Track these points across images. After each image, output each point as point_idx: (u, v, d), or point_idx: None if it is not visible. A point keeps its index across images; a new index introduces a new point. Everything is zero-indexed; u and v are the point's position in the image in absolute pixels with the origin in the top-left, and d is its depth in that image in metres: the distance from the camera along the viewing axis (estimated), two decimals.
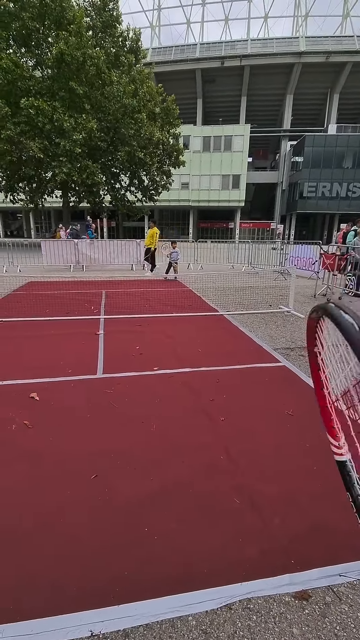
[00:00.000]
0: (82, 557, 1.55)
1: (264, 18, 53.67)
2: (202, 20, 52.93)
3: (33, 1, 17.93)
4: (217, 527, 1.71)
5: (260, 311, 6.28)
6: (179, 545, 1.61)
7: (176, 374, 3.51)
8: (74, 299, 7.11)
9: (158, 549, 1.59)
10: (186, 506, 1.84)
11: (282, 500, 1.89)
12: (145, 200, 26.65)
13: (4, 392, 3.05)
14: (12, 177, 21.13)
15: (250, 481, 2.02)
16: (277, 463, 2.19)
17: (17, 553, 1.56)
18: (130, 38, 21.91)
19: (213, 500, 1.88)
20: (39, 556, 1.55)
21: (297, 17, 51.08)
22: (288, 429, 2.57)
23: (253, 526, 1.71)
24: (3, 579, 1.44)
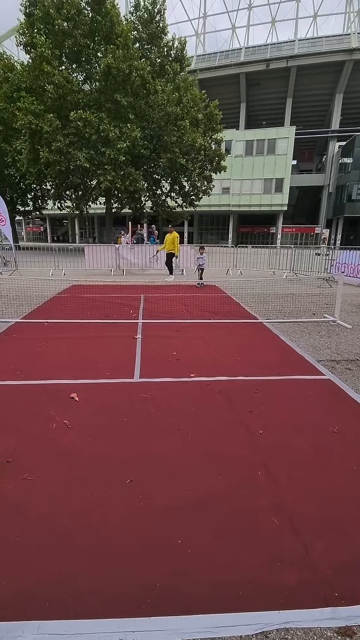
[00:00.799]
0: (115, 562, 1.55)
1: (313, 17, 52.26)
2: (248, 24, 52.70)
3: (85, 19, 18.93)
4: (254, 547, 1.63)
5: (302, 320, 6.03)
6: (213, 562, 1.56)
7: (213, 381, 3.46)
8: (113, 302, 7.31)
9: (191, 562, 1.55)
10: (222, 521, 1.78)
11: (325, 525, 1.76)
12: (186, 206, 26.87)
13: (47, 392, 3.19)
14: (61, 185, 22.32)
15: (290, 501, 1.92)
16: (320, 484, 2.06)
17: (54, 551, 1.60)
18: (175, 47, 22.33)
19: (250, 518, 1.81)
20: (74, 556, 1.57)
21: (348, 13, 49.11)
22: (332, 447, 2.41)
23: (293, 551, 1.61)
24: (42, 576, 1.48)
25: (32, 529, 1.72)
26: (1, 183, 25.36)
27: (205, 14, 53.68)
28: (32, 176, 21.26)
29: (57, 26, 18.50)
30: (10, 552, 1.59)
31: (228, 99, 44.51)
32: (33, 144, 19.09)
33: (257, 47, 46.91)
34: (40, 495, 1.94)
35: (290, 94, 45.26)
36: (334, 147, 45.27)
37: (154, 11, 21.29)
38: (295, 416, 2.83)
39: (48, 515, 1.81)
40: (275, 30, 52.73)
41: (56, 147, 18.29)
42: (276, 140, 42.00)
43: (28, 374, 3.58)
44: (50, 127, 17.96)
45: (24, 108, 18.24)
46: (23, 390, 3.23)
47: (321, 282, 10.52)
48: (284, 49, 44.60)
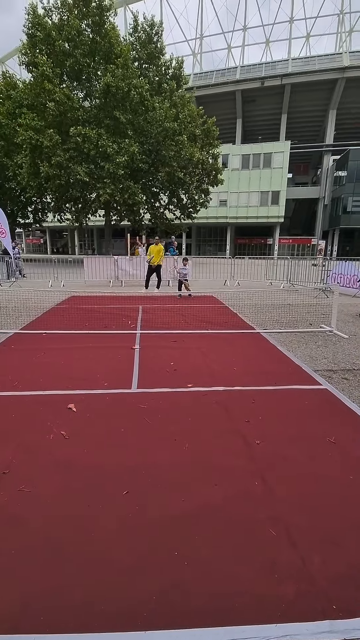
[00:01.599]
0: (111, 574, 1.53)
1: (305, 37, 54.03)
2: (243, 44, 54.41)
3: (85, 40, 19.56)
4: (251, 559, 1.62)
5: (299, 330, 6.06)
6: (210, 574, 1.55)
7: (210, 392, 3.46)
8: (112, 313, 7.34)
9: (188, 575, 1.54)
10: (218, 532, 1.77)
11: (323, 536, 1.75)
12: (184, 218, 27.24)
13: (44, 402, 3.19)
14: (61, 198, 22.66)
15: (288, 512, 1.91)
16: (318, 495, 2.05)
17: (50, 564, 1.58)
18: (172, 66, 23.02)
19: (247, 529, 1.80)
20: (70, 569, 1.56)
21: (340, 33, 50.84)
22: (330, 457, 2.41)
23: (290, 562, 1.60)
24: (37, 588, 1.46)
25: (27, 541, 1.70)
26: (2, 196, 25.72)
27: (202, 35, 55.46)
28: (32, 189, 21.61)
29: (58, 47, 19.10)
30: (5, 565, 1.58)
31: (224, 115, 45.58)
32: (33, 159, 19.46)
33: (252, 66, 48.33)
34: (37, 506, 1.93)
35: (285, 110, 46.43)
36: (329, 161, 46.23)
37: (152, 32, 22.03)
38: (292, 426, 2.83)
39: (44, 527, 1.79)
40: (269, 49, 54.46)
41: (56, 162, 18.65)
42: (272, 154, 42.91)
43: (26, 384, 3.58)
44: (50, 142, 18.34)
45: (25, 124, 18.66)
46: (20, 401, 3.22)
47: (318, 293, 10.61)
48: (278, 68, 45.97)
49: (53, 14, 20.21)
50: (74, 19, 18.98)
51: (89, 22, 19.98)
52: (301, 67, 44.93)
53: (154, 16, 22.56)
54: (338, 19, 50.68)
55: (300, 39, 55.10)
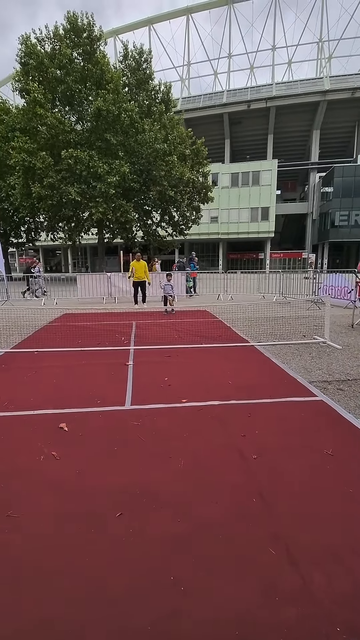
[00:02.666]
0: (103, 603, 1.45)
1: (288, 64, 56.67)
2: (229, 70, 56.81)
3: (76, 67, 20.26)
4: (251, 581, 1.55)
5: (293, 342, 6.07)
6: (208, 599, 1.47)
7: (205, 406, 3.41)
8: (105, 329, 7.29)
9: (185, 601, 1.46)
10: (216, 554, 1.70)
11: (324, 554, 1.69)
12: (176, 235, 27.63)
13: (35, 422, 3.10)
14: (53, 218, 22.88)
15: (287, 529, 1.84)
16: (318, 510, 1.99)
17: (38, 594, 1.49)
18: (161, 91, 23.87)
19: (246, 549, 1.72)
20: (60, 599, 1.47)
21: (320, 59, 53.48)
22: (328, 470, 2.35)
23: (291, 583, 1.53)
24: (24, 621, 1.37)
25: (14, 570, 1.61)
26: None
27: (189, 62, 57.88)
28: (25, 209, 21.82)
29: (51, 73, 19.74)
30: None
31: (213, 136, 47.11)
32: (26, 180, 19.74)
33: (238, 90, 50.41)
34: (25, 533, 1.83)
35: (271, 130, 48.21)
36: (315, 178, 47.77)
37: (141, 60, 22.93)
38: (289, 439, 2.78)
39: (32, 555, 1.70)
40: (254, 75, 56.90)
41: (48, 183, 18.93)
42: (260, 172, 44.25)
43: (16, 404, 3.48)
44: (42, 164, 18.67)
45: (17, 147, 19.02)
46: (10, 421, 3.13)
47: (310, 305, 10.70)
48: (262, 92, 47.99)
49: (45, 43, 20.97)
50: (66, 48, 19.70)
51: (80, 51, 20.75)
52: (285, 90, 46.99)
53: (142, 44, 23.53)
54: (318, 47, 53.45)
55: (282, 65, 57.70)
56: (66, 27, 20.60)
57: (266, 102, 45.80)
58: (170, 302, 9.77)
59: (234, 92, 50.05)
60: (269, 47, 54.53)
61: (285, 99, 45.46)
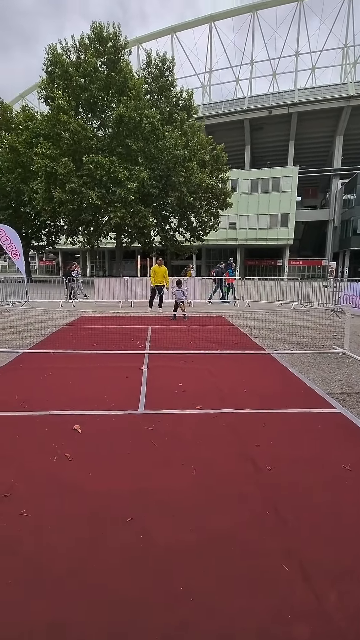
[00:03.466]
0: (112, 610, 1.43)
1: (311, 70, 56.29)
2: (251, 77, 56.92)
3: (100, 75, 20.77)
4: (262, 597, 1.50)
5: (311, 351, 5.94)
6: (218, 612, 1.43)
7: (220, 414, 3.37)
8: (120, 333, 7.35)
9: (194, 613, 1.43)
10: (227, 566, 1.66)
11: (339, 572, 1.62)
12: (194, 240, 27.70)
13: (49, 423, 3.14)
14: (73, 222, 23.39)
15: (301, 545, 1.78)
16: (334, 526, 1.92)
17: (49, 596, 1.49)
18: (183, 98, 24.14)
19: (258, 563, 1.68)
20: (69, 603, 1.46)
21: (345, 65, 52.85)
22: (346, 486, 2.27)
23: (304, 600, 1.48)
24: (34, 623, 1.37)
25: (26, 571, 1.62)
26: (17, 220, 26.70)
27: (211, 69, 58.37)
28: (46, 213, 22.38)
29: (75, 82, 20.31)
30: (1, 595, 1.49)
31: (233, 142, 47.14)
32: (48, 185, 20.29)
33: (259, 96, 50.36)
34: (37, 533, 1.85)
35: (293, 137, 47.82)
36: (337, 184, 46.94)
37: (163, 67, 23.28)
38: (305, 451, 2.70)
39: (43, 556, 1.71)
40: (276, 81, 56.83)
41: (69, 188, 19.40)
42: (280, 178, 43.89)
43: (32, 404, 3.54)
44: (64, 170, 19.15)
45: (41, 152, 19.61)
46: (26, 421, 3.18)
47: (329, 314, 10.48)
48: (285, 97, 47.76)
49: (71, 53, 21.63)
50: (91, 57, 20.24)
51: (104, 59, 21.27)
52: (307, 96, 46.60)
53: (165, 52, 23.91)
54: (342, 52, 52.86)
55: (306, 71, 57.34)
56: (91, 37, 21.17)
57: (288, 108, 45.53)
58: (182, 307, 9.76)
59: (256, 99, 50.03)
60: (292, 53, 54.35)
61: (308, 105, 45.07)
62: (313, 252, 50.61)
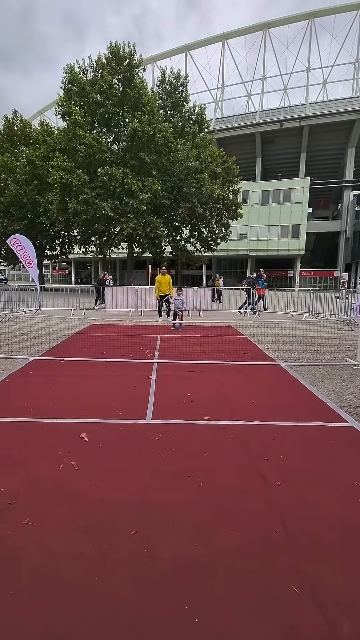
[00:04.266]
0: (114, 627, 1.38)
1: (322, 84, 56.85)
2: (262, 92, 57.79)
3: (115, 92, 21.40)
4: (270, 619, 1.43)
5: (323, 363, 5.82)
6: (222, 635, 1.37)
7: (228, 425, 3.30)
8: (130, 342, 7.36)
9: (199, 634, 1.36)
10: (234, 585, 1.59)
11: (353, 597, 1.54)
12: (204, 250, 27.84)
13: (57, 430, 3.13)
14: (86, 232, 23.83)
15: (312, 565, 1.71)
16: (346, 546, 1.84)
17: (49, 610, 1.45)
18: (195, 113, 24.63)
19: (266, 583, 1.61)
20: (70, 618, 1.42)
21: (356, 79, 53.21)
22: (359, 504, 2.18)
23: (315, 626, 1.40)
24: (29, 633, 1.33)
25: (28, 582, 1.59)
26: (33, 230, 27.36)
27: (223, 85, 59.55)
28: (60, 224, 22.89)
29: (91, 98, 20.97)
30: (2, 608, 1.46)
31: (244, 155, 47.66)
32: (63, 196, 20.79)
33: (271, 110, 51.02)
34: (40, 543, 1.82)
35: (304, 149, 48.08)
36: (349, 196, 46.79)
37: (177, 84, 23.86)
38: (316, 467, 2.62)
39: (46, 567, 1.67)
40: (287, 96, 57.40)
41: (83, 199, 19.85)
42: (291, 190, 44.01)
43: (40, 411, 3.55)
44: (79, 182, 19.64)
45: (57, 165, 20.19)
46: (33, 428, 3.18)
47: (341, 325, 10.30)
48: (296, 111, 48.25)
49: (88, 71, 22.41)
50: (107, 75, 20.92)
51: (120, 77, 21.95)
52: (319, 110, 46.98)
53: (179, 70, 24.53)
54: (354, 66, 53.30)
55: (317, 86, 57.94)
56: (108, 56, 21.92)
57: (299, 121, 45.94)
58: (180, 317, 9.71)
59: (267, 112, 50.70)
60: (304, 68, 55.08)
61: (319, 118, 45.39)
62: (325, 263, 50.23)
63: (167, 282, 10.68)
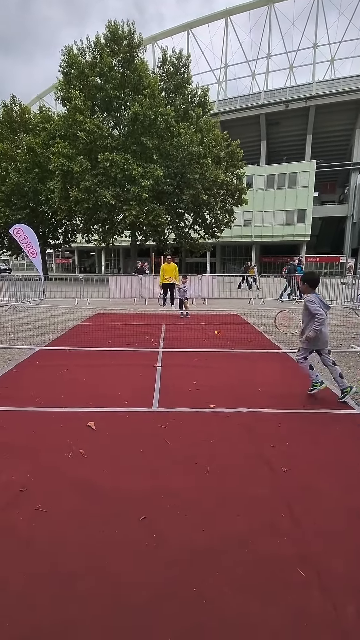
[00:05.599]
0: (123, 611, 1.42)
1: (330, 61, 54.87)
2: (267, 71, 55.99)
3: (115, 74, 20.85)
4: (277, 602, 1.46)
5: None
6: (230, 616, 1.40)
7: (233, 413, 3.32)
8: (135, 331, 7.38)
9: (207, 617, 1.40)
10: (241, 569, 1.63)
11: (359, 581, 1.56)
12: (208, 237, 27.57)
13: (64, 419, 3.17)
14: (89, 220, 23.68)
15: (318, 551, 1.73)
16: (352, 532, 1.86)
17: (61, 594, 1.50)
18: (198, 95, 23.97)
19: (272, 567, 1.64)
20: (81, 602, 1.46)
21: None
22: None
23: (321, 609, 1.43)
24: (47, 620, 1.38)
25: (40, 566, 1.63)
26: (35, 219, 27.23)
27: (227, 64, 57.75)
28: (63, 212, 22.73)
29: (91, 81, 20.47)
30: (16, 591, 1.51)
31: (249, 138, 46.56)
32: (64, 184, 20.58)
33: (276, 91, 49.50)
34: (51, 529, 1.87)
35: (310, 131, 46.81)
36: (357, 179, 45.70)
37: (179, 64, 23.17)
38: (322, 453, 2.63)
39: (57, 552, 1.72)
40: (293, 75, 55.64)
41: (84, 187, 19.62)
42: (297, 173, 43.07)
43: (47, 400, 3.59)
44: (80, 168, 19.38)
45: (57, 152, 19.90)
46: (42, 417, 3.23)
47: (347, 312, 10.21)
48: (302, 91, 46.78)
49: (86, 53, 21.80)
50: (106, 56, 20.34)
51: (119, 58, 21.35)
52: (326, 89, 45.48)
53: (181, 49, 23.78)
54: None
55: (324, 63, 55.91)
56: (107, 36, 21.27)
57: (305, 101, 44.58)
58: (185, 305, 9.70)
59: (272, 93, 49.22)
60: (310, 45, 53.13)
61: (326, 98, 43.98)
62: (331, 249, 49.53)
63: (173, 270, 10.61)
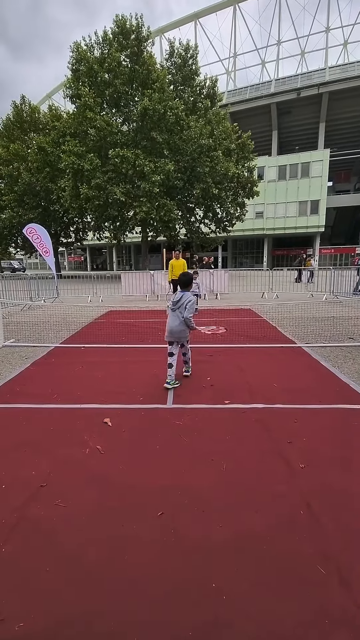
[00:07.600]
0: (143, 604, 1.45)
1: (343, 45, 53.13)
2: (277, 58, 54.63)
3: (124, 69, 20.75)
4: (298, 599, 1.46)
5: (345, 344, 5.69)
6: (250, 613, 1.40)
7: (249, 409, 3.31)
8: (148, 327, 7.41)
9: (227, 611, 1.41)
10: (260, 566, 1.63)
11: None
12: (219, 232, 27.34)
13: (81, 415, 3.22)
14: (100, 218, 23.79)
15: (338, 548, 1.71)
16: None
17: (83, 586, 1.53)
18: (207, 86, 23.63)
19: (292, 564, 1.63)
20: (101, 594, 1.49)
21: None
22: None
23: (342, 607, 1.42)
24: (69, 611, 1.41)
25: (62, 559, 1.68)
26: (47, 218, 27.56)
27: (236, 53, 56.63)
28: (74, 210, 22.93)
29: (100, 78, 20.44)
30: (40, 583, 1.55)
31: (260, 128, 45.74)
32: (75, 182, 20.71)
33: (287, 78, 48.30)
34: (71, 523, 1.91)
35: (323, 118, 45.58)
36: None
37: (187, 56, 22.86)
38: (340, 450, 2.59)
39: (78, 546, 1.76)
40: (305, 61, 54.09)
41: (95, 184, 19.70)
42: (310, 163, 42.10)
43: (64, 397, 3.66)
44: (90, 166, 19.46)
45: (68, 150, 20.02)
46: (59, 413, 3.29)
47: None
48: (314, 78, 45.49)
49: (94, 49, 21.74)
50: (115, 51, 20.25)
51: (127, 52, 21.22)
52: (339, 74, 44.12)
53: (189, 40, 23.44)
54: None
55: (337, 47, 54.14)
56: (115, 30, 21.15)
57: (318, 88, 43.34)
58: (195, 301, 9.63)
59: (283, 81, 48.05)
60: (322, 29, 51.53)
61: (339, 83, 42.63)
62: (346, 240, 48.37)
63: (182, 266, 10.56)
